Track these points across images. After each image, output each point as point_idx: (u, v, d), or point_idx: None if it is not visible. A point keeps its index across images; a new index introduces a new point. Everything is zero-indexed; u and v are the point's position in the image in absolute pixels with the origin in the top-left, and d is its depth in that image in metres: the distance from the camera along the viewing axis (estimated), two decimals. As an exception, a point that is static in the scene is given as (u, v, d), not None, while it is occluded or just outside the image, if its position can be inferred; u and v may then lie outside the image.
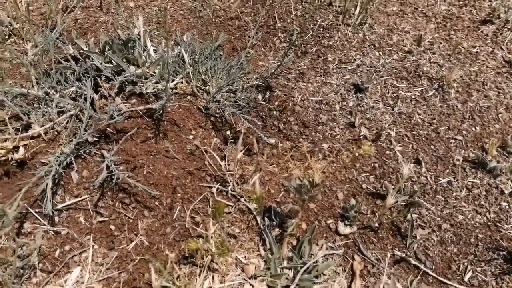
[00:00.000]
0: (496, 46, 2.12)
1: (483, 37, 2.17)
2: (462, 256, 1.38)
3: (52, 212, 1.34)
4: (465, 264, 1.36)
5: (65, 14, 2.00)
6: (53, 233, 1.34)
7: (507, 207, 1.49)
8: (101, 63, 1.68)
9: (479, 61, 2.04)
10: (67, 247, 1.32)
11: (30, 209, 1.37)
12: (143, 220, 1.39)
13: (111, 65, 1.70)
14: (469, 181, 1.56)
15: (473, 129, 1.74)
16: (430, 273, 1.33)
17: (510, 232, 1.42)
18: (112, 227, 1.37)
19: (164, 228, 1.38)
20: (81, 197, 1.41)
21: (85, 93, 1.59)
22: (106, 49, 1.72)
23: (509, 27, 2.21)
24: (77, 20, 2.00)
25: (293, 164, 1.39)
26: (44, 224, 1.35)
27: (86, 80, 1.62)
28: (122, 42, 1.72)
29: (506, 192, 1.53)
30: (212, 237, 1.28)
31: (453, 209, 1.48)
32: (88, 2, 2.10)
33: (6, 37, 1.93)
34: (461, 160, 1.62)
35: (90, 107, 1.52)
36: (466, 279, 1.33)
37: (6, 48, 1.88)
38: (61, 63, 1.70)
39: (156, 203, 1.42)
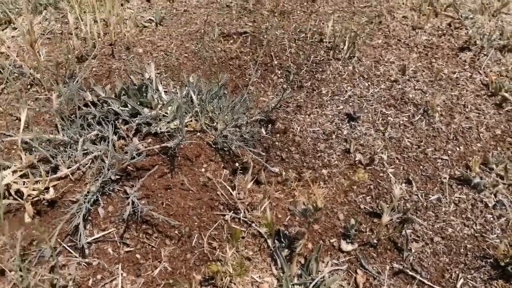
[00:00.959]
0: (474, 71, 2.33)
1: (461, 63, 2.38)
2: (454, 265, 1.53)
3: (84, 245, 1.50)
4: (457, 272, 1.51)
5: (84, 65, 2.19)
6: (85, 264, 1.49)
7: (491, 218, 1.65)
8: (118, 107, 1.87)
9: (459, 85, 2.24)
10: (98, 276, 1.47)
11: (63, 244, 1.52)
12: (165, 248, 1.54)
13: (127, 109, 1.88)
14: (456, 197, 1.73)
15: (457, 148, 1.92)
16: (426, 282, 1.48)
17: (495, 241, 1.58)
18: (138, 256, 1.52)
19: (185, 254, 1.53)
20: (108, 230, 1.57)
21: (105, 135, 1.77)
22: (122, 94, 1.91)
23: (485, 52, 2.43)
24: (92, 68, 2.19)
25: (298, 191, 1.55)
26: (76, 257, 1.50)
27: (106, 124, 1.80)
28: (136, 87, 1.91)
29: (490, 205, 1.69)
30: (229, 260, 1.43)
31: (443, 223, 1.65)
32: (101, 51, 2.31)
33: (29, 86, 2.12)
34: (448, 178, 1.80)
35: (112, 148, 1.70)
36: (458, 285, 1.48)
37: (29, 97, 2.07)
38: (82, 109, 1.88)
39: (176, 232, 1.58)
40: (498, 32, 2.54)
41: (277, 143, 1.93)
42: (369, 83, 2.22)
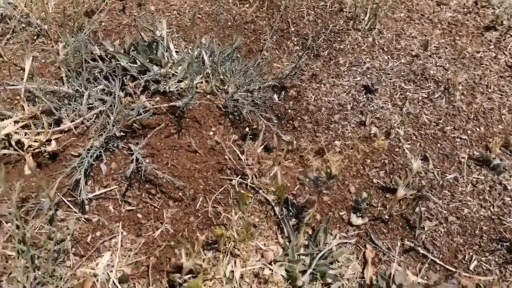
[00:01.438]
0: (499, 51, 2.21)
1: (486, 42, 2.27)
2: (468, 247, 1.47)
3: (84, 200, 1.44)
4: (471, 254, 1.45)
5: (93, 18, 2.10)
6: (84, 220, 1.44)
7: (510, 201, 1.58)
8: (126, 63, 1.79)
9: (483, 65, 2.13)
10: (98, 233, 1.41)
11: (63, 198, 1.47)
12: (168, 209, 1.48)
13: (136, 65, 1.80)
14: (474, 177, 1.65)
15: (478, 129, 1.83)
16: (438, 261, 1.42)
17: (512, 225, 1.51)
18: (140, 215, 1.46)
19: (188, 217, 1.47)
20: (110, 187, 1.51)
21: (112, 90, 1.70)
22: (131, 50, 1.82)
23: (511, 33, 2.31)
24: (101, 22, 2.10)
25: (311, 158, 1.47)
26: (75, 212, 1.45)
27: (113, 79, 1.72)
28: (146, 43, 1.82)
29: (509, 188, 1.62)
30: (234, 224, 1.37)
31: (459, 203, 1.57)
32: (112, 6, 2.21)
33: (35, 37, 2.04)
34: (466, 157, 1.72)
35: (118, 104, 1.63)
36: (471, 267, 1.42)
37: (35, 48, 1.99)
38: (89, 62, 1.80)
39: (180, 194, 1.51)
40: (527, 13, 2.41)
41: (289, 111, 1.84)
42: (389, 56, 2.11)
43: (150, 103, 1.71)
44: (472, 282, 1.30)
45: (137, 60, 1.79)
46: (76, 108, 1.66)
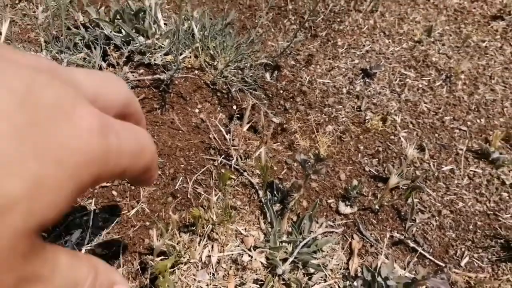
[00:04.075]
0: (505, 42, 2.12)
1: (492, 32, 2.17)
2: (460, 242, 1.39)
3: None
4: (463, 249, 1.37)
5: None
6: (55, 195, 1.34)
7: (507, 197, 1.50)
8: (110, 32, 1.68)
9: (487, 55, 2.04)
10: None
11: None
12: (145, 188, 1.39)
13: (121, 35, 1.69)
14: (471, 170, 1.57)
15: (478, 120, 1.74)
16: (427, 256, 1.34)
17: (509, 222, 1.43)
18: (115, 193, 1.37)
19: (166, 197, 1.38)
20: (84, 161, 1.41)
21: (94, 59, 1.59)
22: (116, 18, 1.71)
23: (519, 24, 2.21)
24: (88, -11, 1.98)
25: (300, 137, 1.38)
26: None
27: (95, 47, 1.61)
28: (132, 12, 1.71)
29: (507, 183, 1.53)
30: (213, 206, 1.28)
31: (454, 196, 1.49)
32: (100, -28, 2.09)
33: (17, 1, 1.92)
34: (465, 149, 1.63)
35: (98, 74, 1.52)
36: (462, 264, 1.34)
37: (16, 12, 1.88)
38: (71, 29, 1.70)
39: (159, 172, 1.42)
40: (537, 4, 2.30)
41: (281, 91, 1.75)
42: (390, 40, 2.01)
43: (133, 74, 1.60)
44: (463, 278, 1.23)
45: (122, 29, 1.68)
46: (53, 76, 1.56)
